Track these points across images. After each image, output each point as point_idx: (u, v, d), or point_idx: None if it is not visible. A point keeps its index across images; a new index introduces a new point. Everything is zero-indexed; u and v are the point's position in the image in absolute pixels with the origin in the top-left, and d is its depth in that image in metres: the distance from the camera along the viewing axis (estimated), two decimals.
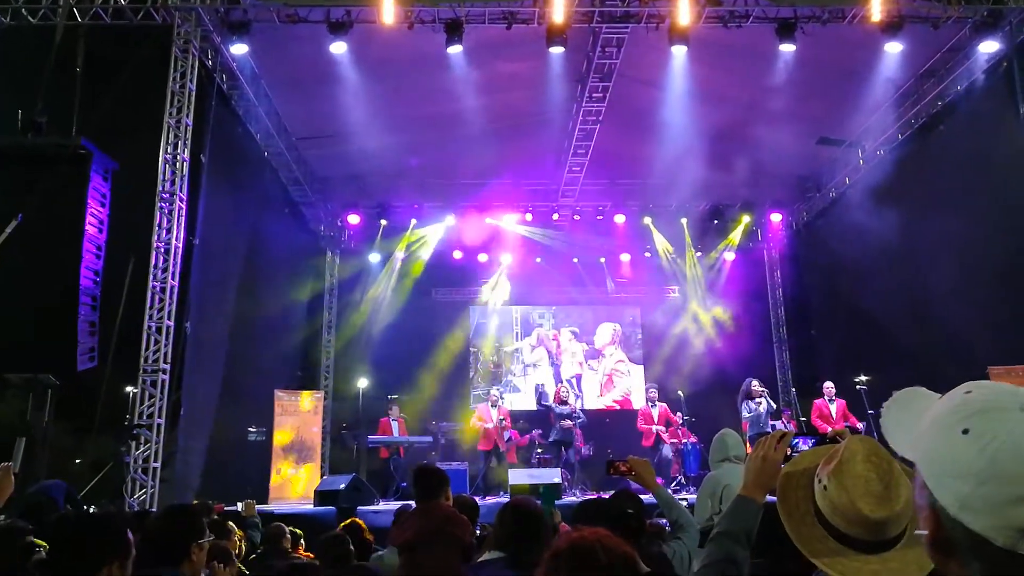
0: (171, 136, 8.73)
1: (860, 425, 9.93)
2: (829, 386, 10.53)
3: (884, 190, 11.75)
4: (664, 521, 3.60)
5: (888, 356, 11.27)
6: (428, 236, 14.47)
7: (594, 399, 14.72)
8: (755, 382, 10.51)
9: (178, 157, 8.68)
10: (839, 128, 12.10)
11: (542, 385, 14.05)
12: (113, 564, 1.89)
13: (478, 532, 4.38)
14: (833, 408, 10.35)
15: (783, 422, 11.32)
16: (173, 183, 8.62)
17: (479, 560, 2.73)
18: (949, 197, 10.20)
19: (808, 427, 10.59)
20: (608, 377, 15.00)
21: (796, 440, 1.91)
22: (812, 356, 14.03)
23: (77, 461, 10.64)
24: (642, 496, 3.12)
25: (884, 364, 11.31)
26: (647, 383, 13.81)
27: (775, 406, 10.56)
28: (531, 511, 2.80)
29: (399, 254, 14.72)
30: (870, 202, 12.12)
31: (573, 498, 9.55)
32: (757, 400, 10.33)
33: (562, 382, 13.68)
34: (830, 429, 9.79)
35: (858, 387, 10.31)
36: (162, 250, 8.43)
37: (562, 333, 15.28)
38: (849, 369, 11.60)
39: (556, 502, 8.45)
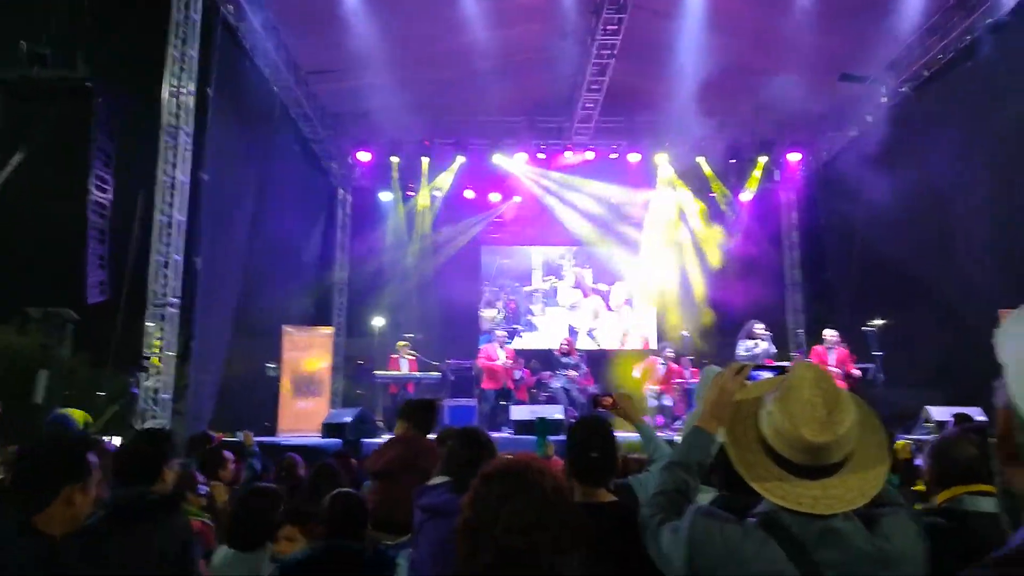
0: (176, 69, 8.63)
1: (857, 374, 9.73)
2: (829, 333, 10.02)
3: (906, 129, 11.42)
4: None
5: (904, 300, 11.13)
6: (441, 175, 14.34)
7: (608, 342, 14.77)
8: (758, 323, 10.36)
9: (183, 90, 8.59)
10: (862, 64, 11.67)
11: (572, 329, 13.94)
12: (73, 487, 1.92)
13: None
14: (832, 356, 9.76)
15: (791, 364, 11.25)
16: (178, 117, 8.55)
17: (428, 484, 2.77)
18: (973, 137, 9.89)
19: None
20: (623, 321, 15.01)
21: (756, 372, 1.87)
22: (826, 300, 13.89)
23: (100, 394, 10.93)
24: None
25: (899, 308, 11.17)
26: (663, 324, 13.81)
27: (774, 350, 10.37)
28: (476, 436, 2.87)
29: (411, 193, 14.65)
30: (891, 142, 11.80)
31: None
32: (756, 341, 10.18)
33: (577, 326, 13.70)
34: (791, 362, 9.59)
35: (865, 329, 10.18)
36: (168, 184, 8.43)
37: (585, 275, 15.27)
38: (863, 313, 11.47)
39: (559, 437, 8.54)
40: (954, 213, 10.26)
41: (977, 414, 6.42)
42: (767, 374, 1.93)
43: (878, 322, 10.65)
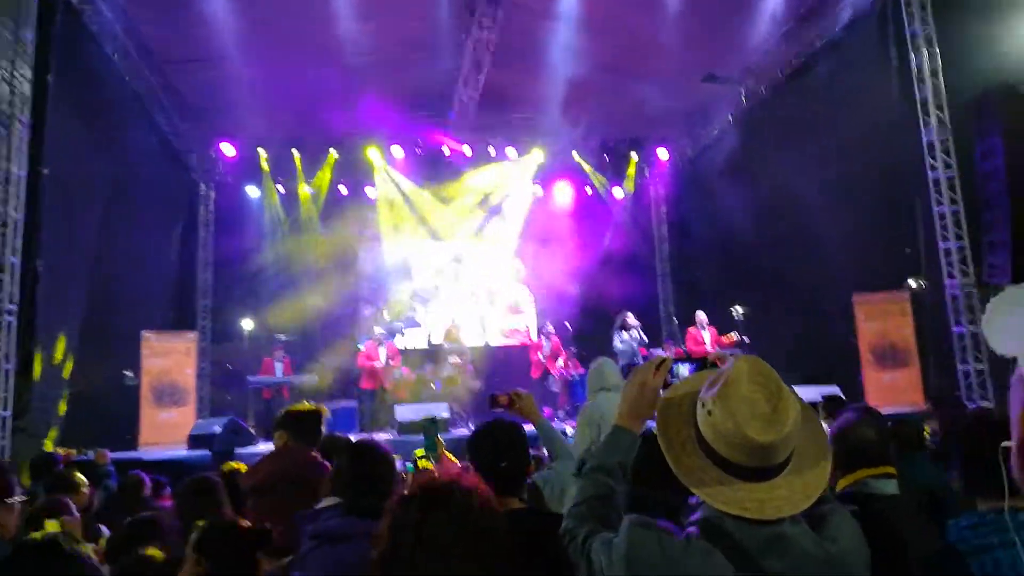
0: (8, 53, 7.75)
1: (731, 350, 10.40)
2: (700, 315, 10.91)
3: (764, 127, 12.14)
4: (545, 452, 3.57)
5: (764, 287, 11.84)
6: (317, 170, 13.79)
7: (493, 337, 14.75)
8: (629, 315, 10.79)
9: (16, 75, 7.74)
10: (724, 66, 12.28)
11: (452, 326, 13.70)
12: None
13: None
14: (706, 335, 10.74)
15: (663, 350, 11.71)
16: (11, 104, 7.70)
17: (315, 508, 2.51)
18: (823, 135, 10.63)
19: (687, 354, 11.04)
20: (506, 315, 15.03)
21: (675, 365, 1.79)
22: (693, 289, 14.54)
23: None
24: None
25: (761, 295, 11.89)
26: (539, 319, 13.93)
27: (646, 339, 10.90)
28: (371, 451, 2.59)
29: (279, 188, 14.00)
30: (750, 141, 12.52)
31: (464, 431, 9.59)
32: (630, 332, 10.60)
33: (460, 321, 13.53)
34: (711, 353, 10.19)
35: (735, 316, 10.79)
36: (1, 179, 7.58)
37: (464, 269, 15.13)
38: (727, 300, 12.12)
39: (445, 435, 8.42)
40: (806, 207, 10.98)
41: (837, 393, 6.84)
42: (686, 367, 1.84)
43: (738, 309, 11.30)
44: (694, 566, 1.35)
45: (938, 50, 9.39)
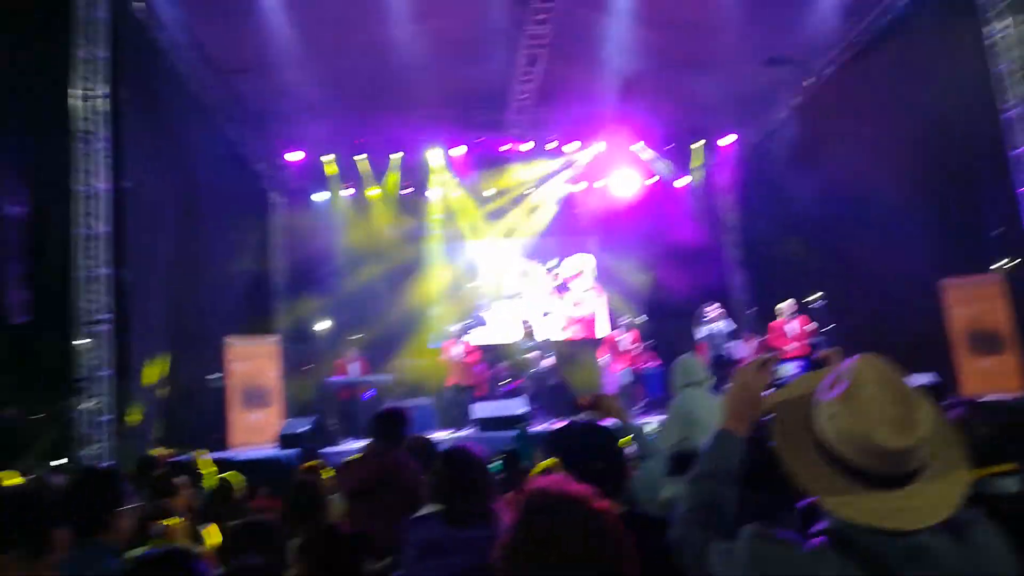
0: (83, 71, 8.06)
1: (816, 341, 10.09)
2: (787, 304, 10.46)
3: (832, 108, 11.75)
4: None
5: (840, 275, 11.44)
6: (377, 173, 13.99)
7: (559, 331, 14.73)
8: (711, 305, 10.58)
9: (93, 94, 8.04)
10: (788, 48, 11.91)
11: (526, 321, 13.43)
12: (3, 555, 1.66)
13: None
14: (791, 326, 10.26)
15: (743, 341, 11.45)
16: (89, 121, 8.00)
17: (417, 515, 2.55)
18: (896, 113, 10.21)
19: (769, 347, 10.76)
20: (576, 310, 14.97)
21: (781, 365, 1.71)
22: (766, 278, 14.18)
23: (31, 418, 10.26)
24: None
25: (837, 282, 11.49)
26: (612, 311, 13.83)
27: (734, 326, 10.65)
28: (468, 459, 2.59)
29: (345, 192, 14.26)
30: (818, 121, 12.12)
31: (543, 426, 9.59)
32: (713, 322, 10.40)
33: (531, 317, 13.54)
34: (821, 352, 9.78)
35: (814, 304, 10.46)
36: (86, 194, 7.89)
37: (532, 266, 15.15)
38: (802, 288, 11.77)
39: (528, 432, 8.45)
40: (880, 190, 10.57)
41: (936, 381, 6.55)
42: (791, 366, 1.77)
43: (815, 297, 10.95)
44: None
45: (1018, 19, 8.85)
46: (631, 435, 3.06)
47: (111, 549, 2.45)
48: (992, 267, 9.77)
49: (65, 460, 6.87)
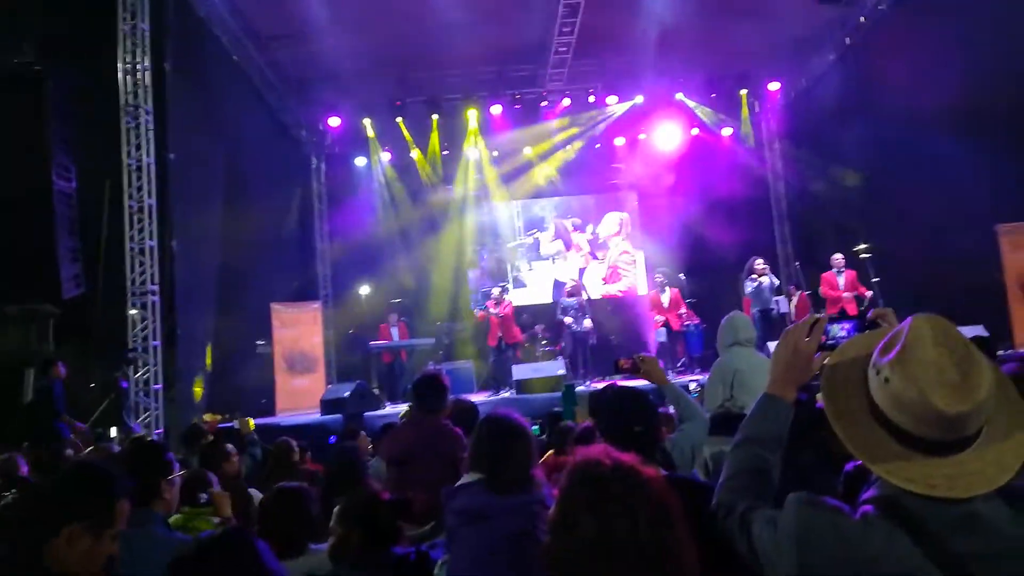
0: (128, 44, 8.17)
1: (868, 294, 9.85)
2: (837, 257, 10.31)
3: (885, 48, 11.20)
4: (671, 410, 3.50)
5: (890, 223, 11.06)
6: (417, 135, 13.92)
7: (597, 290, 14.62)
8: (758, 260, 10.36)
9: (138, 67, 8.16)
10: None
11: (566, 281, 13.12)
12: (73, 527, 1.72)
13: None
14: (841, 280, 10.14)
15: (788, 296, 11.22)
16: (136, 95, 8.14)
17: (459, 483, 2.55)
18: (952, 49, 9.68)
19: (817, 299, 10.53)
20: (613, 269, 14.83)
21: (829, 326, 1.62)
22: (813, 228, 13.80)
23: (91, 386, 10.68)
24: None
25: (887, 232, 11.12)
26: (652, 269, 13.66)
27: (777, 282, 10.43)
28: (508, 426, 2.53)
29: (385, 156, 14.27)
30: (870, 62, 11.59)
31: (582, 387, 9.61)
32: (759, 277, 10.20)
33: (570, 277, 13.44)
34: (871, 311, 9.57)
35: (862, 256, 10.15)
36: (134, 167, 8.08)
37: (566, 224, 15.03)
38: (850, 239, 11.42)
39: (561, 394, 8.46)
40: (934, 136, 10.09)
41: (982, 334, 6.34)
42: (842, 328, 1.67)
43: (861, 247, 10.62)
44: (875, 548, 1.23)
45: None
46: (672, 397, 3.03)
47: (158, 516, 2.54)
48: None
49: (116, 429, 7.13)
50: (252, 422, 5.53)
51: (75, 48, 9.22)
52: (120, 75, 8.11)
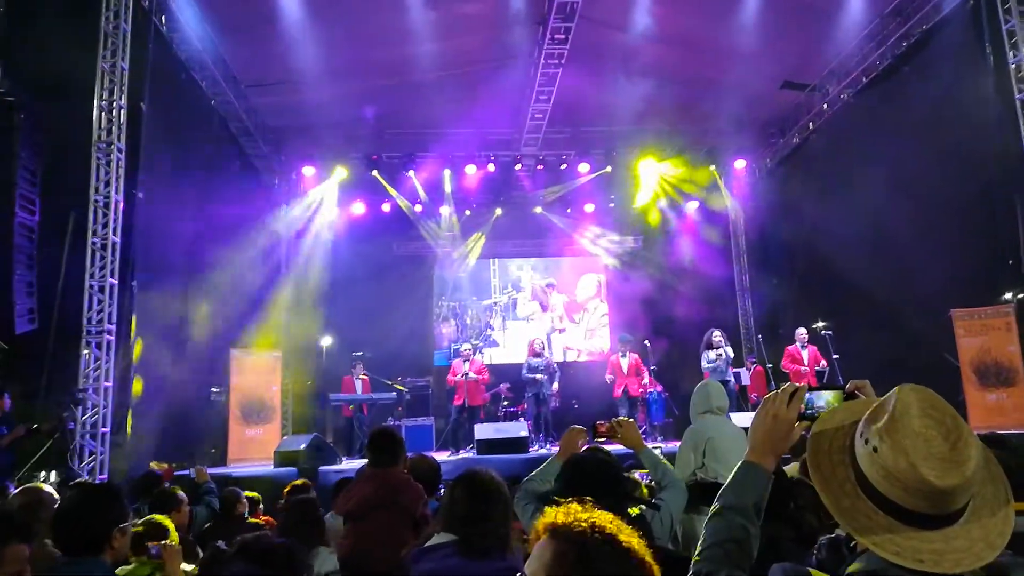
0: (106, 81, 8.14)
1: (825, 365, 10.07)
2: (802, 332, 10.63)
3: (847, 134, 11.69)
4: (642, 475, 3.45)
5: (850, 302, 11.34)
6: (387, 189, 13.99)
7: (574, 353, 14.65)
8: (716, 332, 10.48)
9: (114, 104, 8.11)
10: (804, 71, 11.93)
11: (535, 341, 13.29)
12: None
13: (441, 492, 4.15)
14: (805, 354, 10.44)
15: (746, 368, 11.34)
16: (110, 132, 8.07)
17: (427, 544, 2.37)
18: (912, 141, 10.13)
19: (777, 372, 10.67)
20: (592, 332, 14.91)
21: (812, 396, 1.61)
22: (775, 303, 14.08)
23: (34, 427, 10.21)
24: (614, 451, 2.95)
25: (846, 310, 11.39)
26: (616, 332, 13.72)
27: (733, 355, 10.55)
28: (487, 486, 2.39)
29: (358, 208, 14.29)
30: (833, 147, 12.07)
31: (543, 451, 9.49)
32: (716, 349, 10.31)
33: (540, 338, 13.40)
34: (849, 383, 9.66)
35: (823, 332, 10.37)
36: (100, 204, 7.94)
37: (542, 285, 15.11)
38: (810, 315, 11.67)
39: (524, 455, 8.35)
40: (895, 218, 10.49)
41: None
42: (826, 395, 1.67)
43: (820, 324, 10.87)
44: None
45: None
46: (650, 464, 2.99)
47: (104, 566, 2.41)
48: (1003, 298, 9.65)
49: (55, 472, 6.80)
50: (205, 471, 5.31)
51: (50, 81, 9.16)
52: (95, 112, 8.05)
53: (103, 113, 8.11)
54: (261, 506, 5.10)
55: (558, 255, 15.36)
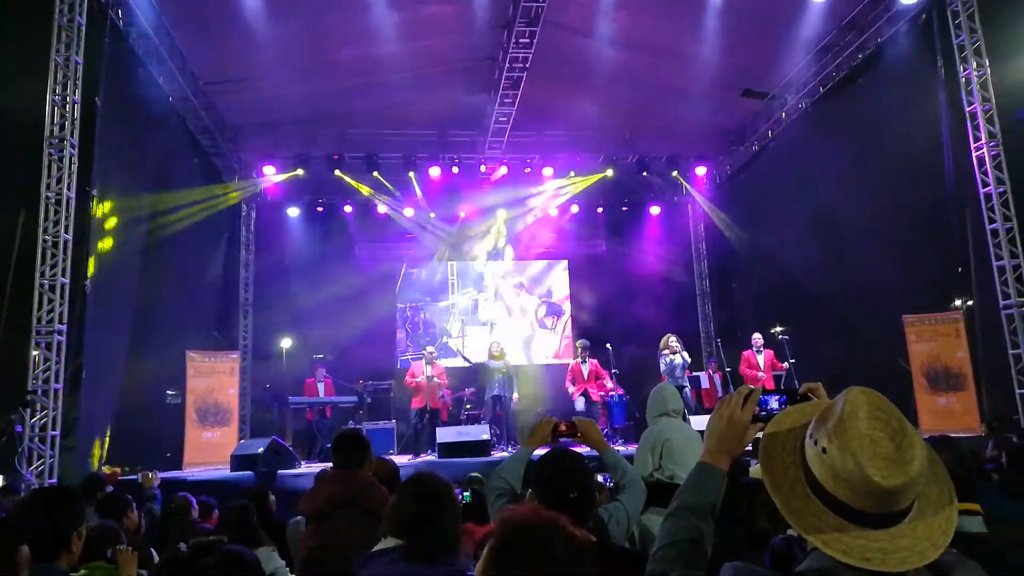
0: (59, 76, 7.92)
1: (785, 366, 10.26)
2: (757, 337, 10.80)
3: (805, 143, 11.95)
4: (604, 476, 3.45)
5: (806, 307, 11.58)
6: (352, 189, 13.85)
7: (528, 356, 14.61)
8: (671, 337, 10.57)
9: (67, 99, 7.90)
10: (763, 80, 12.15)
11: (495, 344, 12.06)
12: None
13: None
14: (760, 358, 10.60)
15: (708, 372, 11.48)
16: (62, 128, 7.85)
17: (374, 550, 2.31)
18: (866, 150, 10.42)
19: (736, 377, 10.82)
20: (545, 333, 14.91)
21: (766, 398, 1.63)
22: (733, 308, 14.30)
23: None
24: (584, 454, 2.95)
25: (802, 315, 11.64)
26: (576, 337, 13.77)
27: (689, 360, 10.64)
28: (433, 489, 2.34)
29: (321, 208, 14.14)
30: (791, 155, 12.32)
31: (504, 454, 9.48)
32: (672, 354, 10.41)
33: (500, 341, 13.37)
34: (802, 386, 9.83)
35: (780, 337, 10.56)
36: (52, 201, 7.72)
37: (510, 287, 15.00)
38: (768, 320, 11.89)
39: (485, 458, 8.33)
40: (850, 225, 10.75)
41: None
42: (776, 398, 1.69)
43: (778, 329, 11.08)
44: None
45: (987, 61, 9.11)
46: (611, 464, 3.00)
47: (62, 571, 2.35)
48: (953, 304, 9.95)
49: (2, 477, 6.59)
50: (155, 476, 5.18)
51: (1, 74, 8.91)
52: (48, 106, 7.83)
53: (55, 108, 7.89)
54: (216, 512, 5.00)
55: (523, 259, 15.32)
